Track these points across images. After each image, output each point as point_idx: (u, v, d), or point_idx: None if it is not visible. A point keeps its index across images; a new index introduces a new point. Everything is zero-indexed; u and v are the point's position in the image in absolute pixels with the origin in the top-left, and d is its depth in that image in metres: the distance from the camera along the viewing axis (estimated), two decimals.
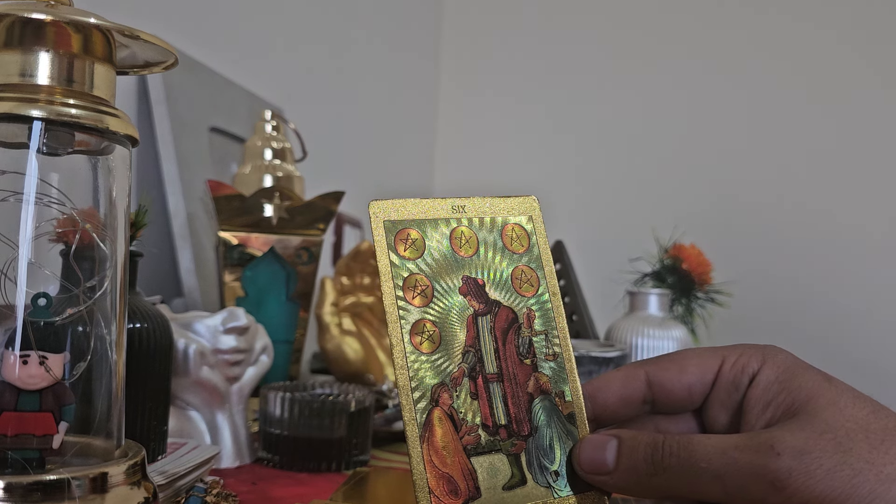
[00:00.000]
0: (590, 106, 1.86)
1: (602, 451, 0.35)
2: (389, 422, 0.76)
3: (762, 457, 0.31)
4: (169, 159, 0.86)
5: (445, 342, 0.35)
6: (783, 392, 0.33)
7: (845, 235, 1.66)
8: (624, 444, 0.34)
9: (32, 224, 0.36)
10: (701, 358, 0.37)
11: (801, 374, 0.34)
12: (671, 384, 0.36)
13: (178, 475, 0.49)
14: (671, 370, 0.37)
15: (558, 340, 0.37)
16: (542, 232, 0.39)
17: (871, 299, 1.64)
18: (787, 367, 0.34)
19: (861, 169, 1.66)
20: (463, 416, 0.34)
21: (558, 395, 0.36)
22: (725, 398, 0.36)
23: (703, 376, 0.36)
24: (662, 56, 1.81)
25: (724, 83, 1.76)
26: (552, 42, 1.90)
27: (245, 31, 1.15)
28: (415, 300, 0.35)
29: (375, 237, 0.35)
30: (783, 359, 0.35)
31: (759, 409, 0.34)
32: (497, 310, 0.36)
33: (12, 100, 0.35)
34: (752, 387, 0.35)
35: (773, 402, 0.34)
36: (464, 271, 0.36)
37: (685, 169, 1.77)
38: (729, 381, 0.35)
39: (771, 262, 1.69)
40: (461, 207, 0.37)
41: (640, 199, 1.79)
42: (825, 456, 0.30)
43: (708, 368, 0.36)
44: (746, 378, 0.35)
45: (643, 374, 0.37)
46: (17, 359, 0.35)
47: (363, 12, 1.55)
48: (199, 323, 0.62)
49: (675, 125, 1.79)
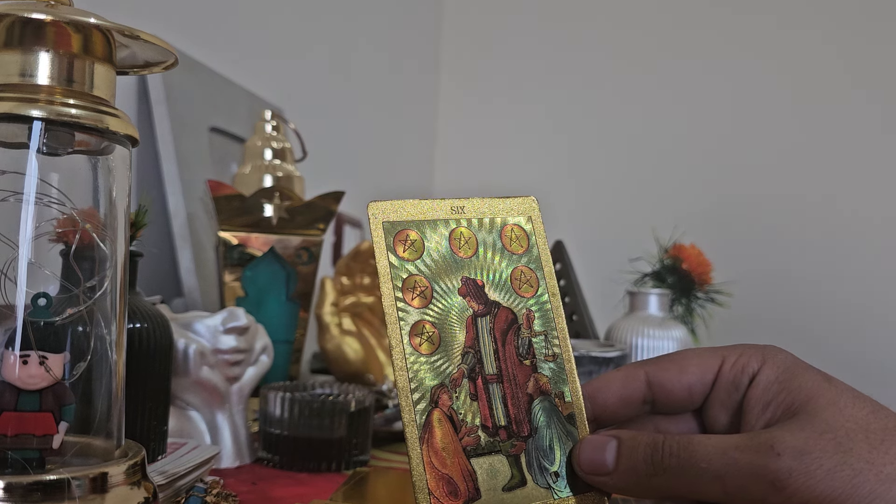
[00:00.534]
0: (590, 106, 1.86)
1: (602, 451, 0.34)
2: (389, 422, 0.76)
3: (762, 457, 0.31)
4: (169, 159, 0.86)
5: (445, 343, 0.35)
6: (783, 392, 0.33)
7: (846, 235, 1.66)
8: (623, 444, 0.34)
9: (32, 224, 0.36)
10: (701, 358, 0.36)
11: (801, 374, 0.34)
12: (671, 384, 0.36)
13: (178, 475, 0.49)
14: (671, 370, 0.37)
15: (558, 341, 0.37)
16: (541, 232, 0.39)
17: (871, 299, 1.64)
18: (787, 367, 0.34)
19: (862, 169, 1.66)
20: (462, 417, 0.34)
21: (558, 395, 0.36)
22: (725, 398, 0.36)
23: (703, 376, 0.36)
24: (662, 56, 1.81)
25: (724, 83, 1.76)
26: (552, 43, 1.90)
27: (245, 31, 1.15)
28: (414, 301, 0.35)
29: (374, 238, 0.35)
30: (783, 359, 0.35)
31: (758, 409, 0.34)
32: (496, 311, 0.36)
33: (12, 100, 0.35)
34: (752, 387, 0.34)
35: (773, 402, 0.34)
36: (463, 272, 0.36)
37: (685, 169, 1.77)
38: (729, 381, 0.35)
39: (771, 262, 1.69)
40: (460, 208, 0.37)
41: (640, 199, 1.79)
42: (825, 456, 0.30)
43: (708, 368, 0.36)
44: (746, 378, 0.35)
45: (643, 375, 0.37)
46: (17, 359, 0.35)
47: (363, 12, 1.55)
48: (199, 323, 0.62)
49: (674, 125, 1.79)
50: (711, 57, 1.77)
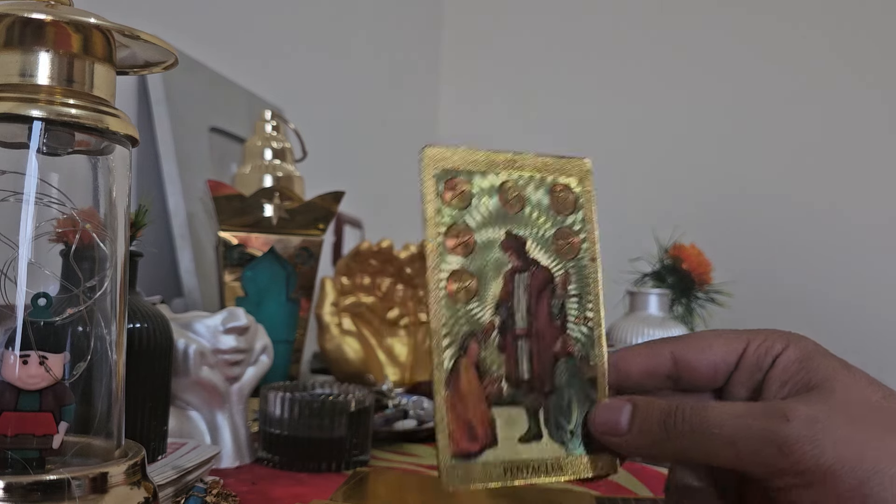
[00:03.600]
0: (589, 106, 1.86)
1: (617, 413, 0.35)
2: (389, 422, 0.76)
3: (773, 423, 0.31)
4: (169, 159, 0.86)
5: (481, 294, 0.35)
6: (802, 371, 0.34)
7: (847, 235, 1.66)
8: (638, 408, 0.35)
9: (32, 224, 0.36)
10: (726, 338, 0.37)
11: (821, 357, 0.35)
12: (696, 361, 0.37)
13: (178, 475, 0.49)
14: (696, 348, 0.37)
15: (592, 305, 0.37)
16: (590, 196, 0.38)
17: (872, 299, 1.64)
18: (809, 351, 0.35)
19: (863, 168, 1.66)
20: (488, 367, 0.35)
21: (583, 358, 0.37)
22: (747, 378, 0.36)
23: (728, 356, 0.37)
24: (662, 55, 1.81)
25: (724, 82, 1.76)
26: (552, 43, 1.90)
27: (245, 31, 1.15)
28: (457, 249, 0.35)
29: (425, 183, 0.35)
30: (806, 343, 0.36)
31: (776, 386, 0.35)
32: (535, 269, 0.37)
33: (12, 100, 0.35)
34: (774, 367, 0.35)
35: (791, 380, 0.34)
36: (508, 226, 0.36)
37: (685, 169, 1.77)
38: (752, 363, 0.36)
39: (771, 262, 1.69)
40: (514, 162, 0.37)
41: (640, 199, 1.79)
42: (835, 427, 0.31)
43: (732, 349, 0.37)
44: (770, 359, 0.36)
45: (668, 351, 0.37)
46: (17, 359, 0.35)
47: (363, 12, 1.55)
48: (199, 323, 0.62)
49: (675, 125, 1.79)
50: (712, 56, 1.77)
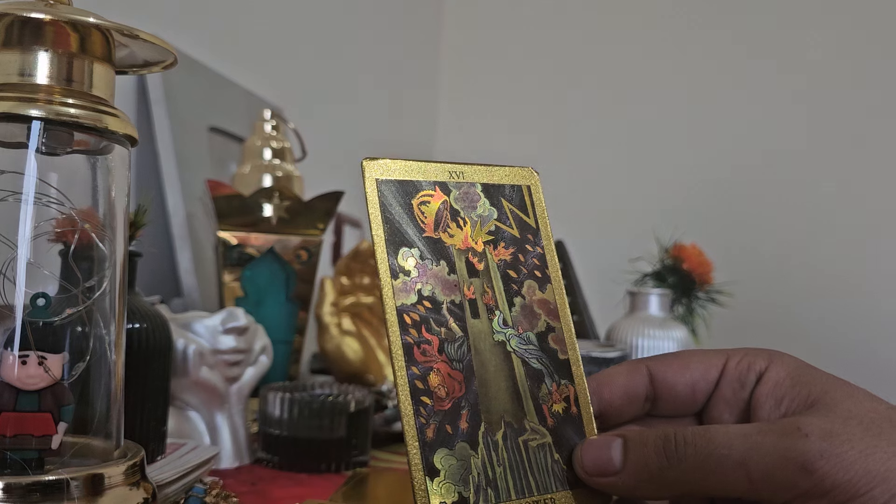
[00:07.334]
0: (590, 106, 1.86)
1: (607, 449, 0.32)
2: (389, 422, 0.76)
3: (789, 438, 0.29)
4: (168, 159, 0.86)
5: None
6: (797, 386, 0.32)
7: (848, 236, 1.66)
8: (630, 440, 0.32)
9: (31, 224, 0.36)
10: (705, 356, 0.36)
11: (812, 371, 0.33)
12: (674, 380, 0.35)
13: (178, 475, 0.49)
14: (674, 366, 0.35)
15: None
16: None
17: (873, 299, 1.64)
18: (796, 367, 0.33)
19: (864, 168, 1.66)
20: None
21: None
22: (731, 396, 0.34)
23: (707, 373, 0.35)
24: (663, 54, 1.81)
25: (724, 82, 1.76)
26: (552, 43, 1.90)
27: (245, 31, 1.15)
28: None
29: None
30: (790, 360, 0.34)
31: (771, 404, 0.33)
32: None
33: (11, 99, 0.35)
34: (761, 384, 0.33)
35: (787, 397, 0.32)
36: None
37: (685, 169, 1.77)
38: (734, 379, 0.34)
39: (772, 263, 1.69)
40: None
41: (641, 198, 1.79)
42: (855, 439, 0.29)
43: (712, 365, 0.35)
44: (753, 376, 0.34)
45: (645, 369, 0.36)
46: (16, 359, 0.35)
47: (363, 11, 1.55)
48: (198, 323, 0.62)
49: (675, 125, 1.79)
50: (712, 55, 1.77)
